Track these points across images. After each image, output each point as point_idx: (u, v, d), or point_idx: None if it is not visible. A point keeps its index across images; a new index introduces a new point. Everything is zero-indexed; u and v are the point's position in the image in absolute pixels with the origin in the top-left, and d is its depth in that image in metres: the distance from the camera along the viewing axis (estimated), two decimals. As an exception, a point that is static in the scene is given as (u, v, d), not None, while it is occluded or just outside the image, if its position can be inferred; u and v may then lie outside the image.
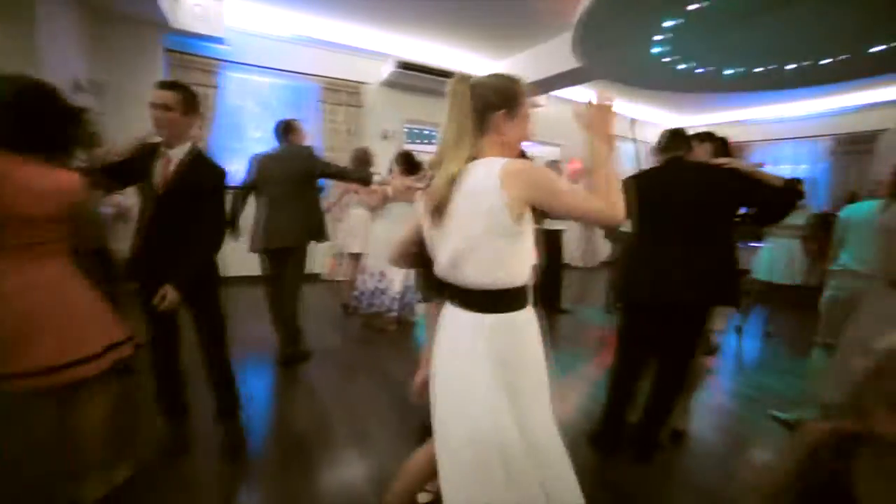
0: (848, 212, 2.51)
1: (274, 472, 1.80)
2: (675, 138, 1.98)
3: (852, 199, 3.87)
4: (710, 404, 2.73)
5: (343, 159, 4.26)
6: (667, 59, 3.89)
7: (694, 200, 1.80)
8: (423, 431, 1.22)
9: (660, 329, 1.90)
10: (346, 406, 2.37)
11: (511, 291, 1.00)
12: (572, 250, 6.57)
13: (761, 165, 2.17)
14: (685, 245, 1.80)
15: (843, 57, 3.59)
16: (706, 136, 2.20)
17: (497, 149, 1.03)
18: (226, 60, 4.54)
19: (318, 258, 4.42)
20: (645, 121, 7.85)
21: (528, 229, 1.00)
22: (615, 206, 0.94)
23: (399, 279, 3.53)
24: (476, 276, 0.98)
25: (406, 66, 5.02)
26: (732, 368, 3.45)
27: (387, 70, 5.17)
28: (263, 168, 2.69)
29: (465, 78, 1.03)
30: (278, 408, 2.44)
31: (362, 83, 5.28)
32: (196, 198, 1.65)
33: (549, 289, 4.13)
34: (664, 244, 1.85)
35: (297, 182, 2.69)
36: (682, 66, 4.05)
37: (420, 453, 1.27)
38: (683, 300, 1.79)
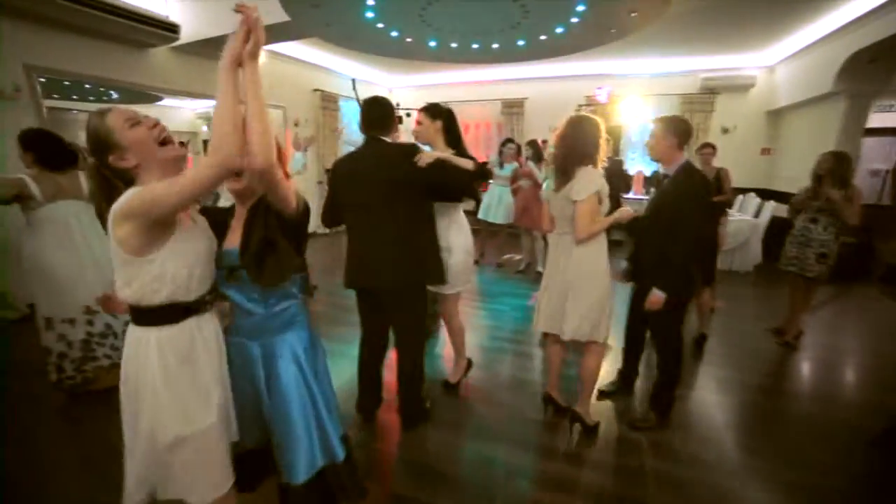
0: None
1: None
2: (379, 111, 1.98)
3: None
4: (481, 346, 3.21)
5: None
6: (381, 26, 3.94)
7: (386, 182, 1.90)
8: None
9: (380, 306, 2.10)
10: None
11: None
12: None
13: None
14: (383, 228, 1.93)
15: (496, 45, 4.54)
16: (436, 112, 2.19)
17: (145, 175, 1.05)
18: None
19: None
20: (365, 80, 8.04)
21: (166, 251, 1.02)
22: (231, 145, 0.91)
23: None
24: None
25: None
26: (479, 298, 4.19)
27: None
28: None
29: None
30: None
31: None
32: None
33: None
34: (365, 228, 1.97)
35: None
36: (394, 34, 4.21)
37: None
38: (382, 285, 1.98)
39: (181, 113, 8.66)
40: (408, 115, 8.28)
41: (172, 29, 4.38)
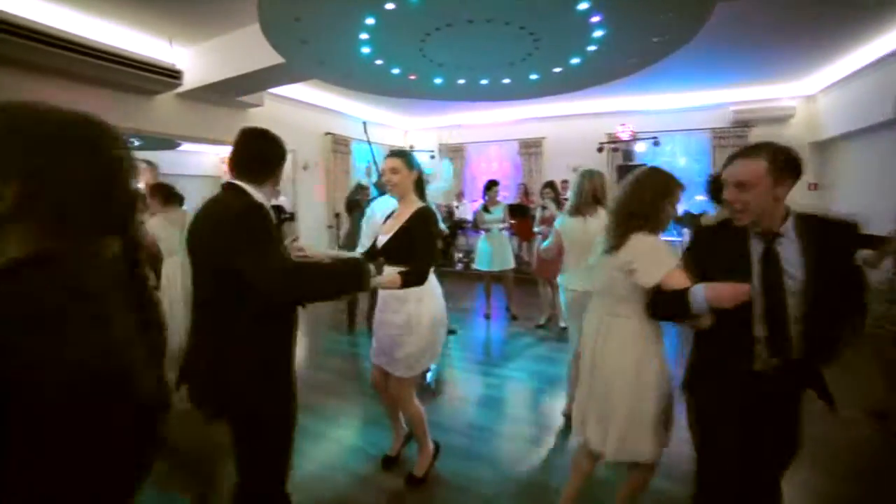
0: (561, 221, 2.75)
1: None
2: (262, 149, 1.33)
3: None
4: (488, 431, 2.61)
5: None
6: (379, 62, 3.69)
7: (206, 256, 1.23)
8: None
9: None
10: None
11: None
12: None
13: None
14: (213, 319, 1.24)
15: (507, 81, 4.24)
16: (413, 162, 1.87)
17: None
18: None
19: None
20: (379, 123, 7.94)
21: None
22: None
23: None
24: None
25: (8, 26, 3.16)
26: (487, 362, 3.59)
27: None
28: None
29: None
30: None
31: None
32: None
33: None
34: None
35: None
36: (396, 71, 3.96)
37: None
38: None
39: (205, 158, 8.43)
40: (432, 156, 8.10)
41: (175, 75, 4.30)
